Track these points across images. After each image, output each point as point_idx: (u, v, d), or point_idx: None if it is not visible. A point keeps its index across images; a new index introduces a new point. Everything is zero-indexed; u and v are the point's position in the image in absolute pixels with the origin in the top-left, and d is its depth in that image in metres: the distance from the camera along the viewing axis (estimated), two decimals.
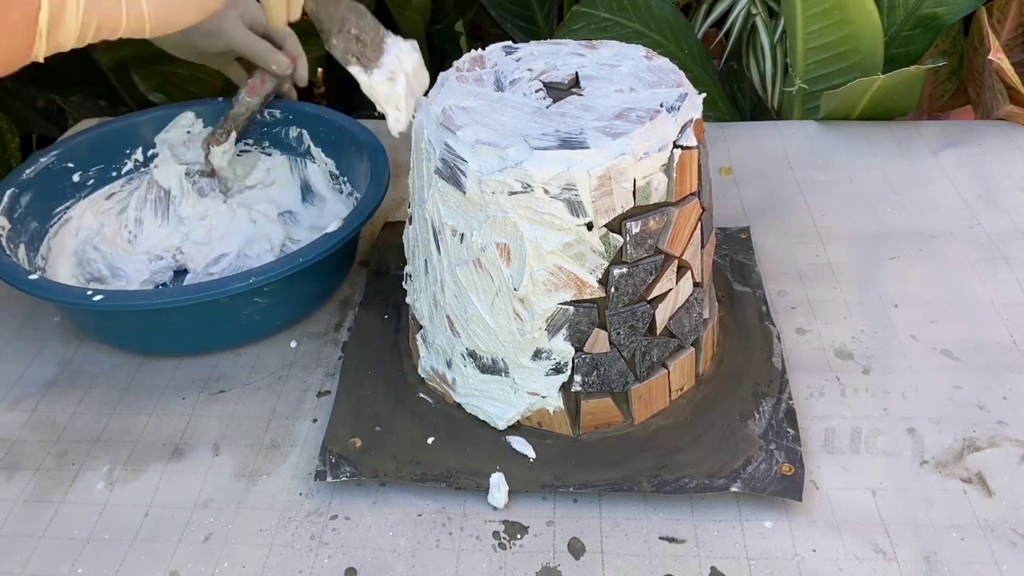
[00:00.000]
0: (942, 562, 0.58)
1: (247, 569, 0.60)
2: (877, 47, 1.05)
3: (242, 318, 0.75)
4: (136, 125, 0.91)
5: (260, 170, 0.94)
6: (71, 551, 0.62)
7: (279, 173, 0.95)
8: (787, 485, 0.61)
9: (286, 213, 0.92)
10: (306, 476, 0.66)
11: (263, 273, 0.70)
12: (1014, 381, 0.71)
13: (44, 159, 0.86)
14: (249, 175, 0.94)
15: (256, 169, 0.94)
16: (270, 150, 0.95)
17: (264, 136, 0.94)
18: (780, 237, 0.87)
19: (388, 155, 0.82)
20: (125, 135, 0.91)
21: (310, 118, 0.92)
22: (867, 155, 0.99)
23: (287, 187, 0.94)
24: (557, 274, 0.59)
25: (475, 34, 1.60)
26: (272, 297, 0.74)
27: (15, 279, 0.72)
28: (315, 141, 0.92)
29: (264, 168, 0.94)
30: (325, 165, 0.92)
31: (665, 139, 0.59)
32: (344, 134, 0.89)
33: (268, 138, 0.94)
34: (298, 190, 0.94)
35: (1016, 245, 0.85)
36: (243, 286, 0.69)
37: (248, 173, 0.94)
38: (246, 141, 0.94)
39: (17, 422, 0.72)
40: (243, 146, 0.94)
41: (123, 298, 0.72)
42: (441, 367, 0.69)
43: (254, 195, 0.94)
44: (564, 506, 0.63)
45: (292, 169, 0.94)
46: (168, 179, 0.91)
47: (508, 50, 0.70)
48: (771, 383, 0.69)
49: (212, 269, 0.86)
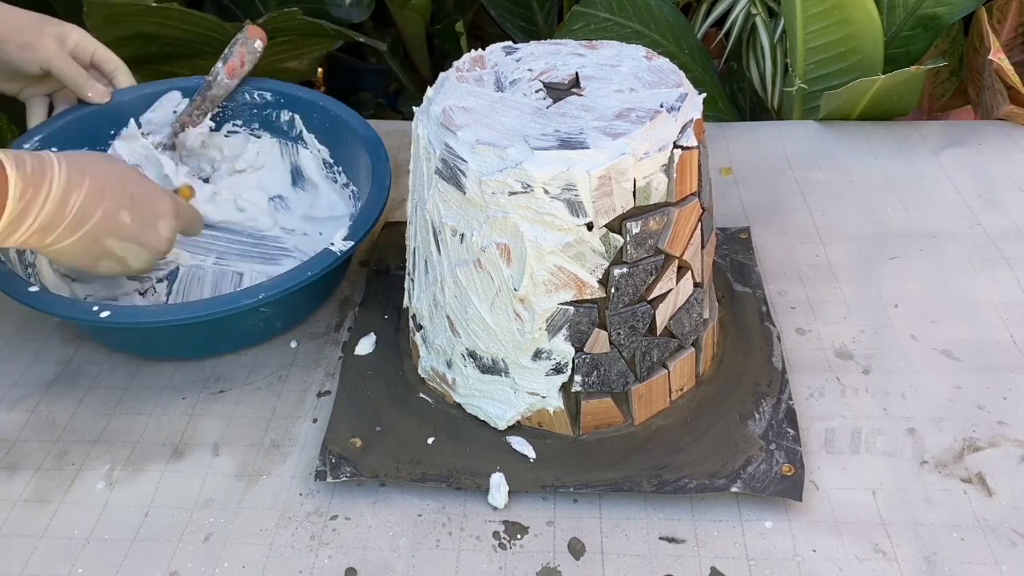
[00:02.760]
0: (942, 562, 0.58)
1: (247, 569, 0.60)
2: (877, 47, 1.05)
3: (246, 327, 0.75)
4: (120, 105, 0.88)
5: (249, 153, 0.92)
6: (71, 551, 0.62)
7: (269, 156, 0.92)
8: (787, 485, 0.61)
9: (276, 198, 0.91)
10: (306, 476, 0.66)
11: (273, 288, 0.69)
12: (1014, 381, 0.71)
13: (27, 145, 0.83)
14: (239, 158, 0.92)
15: (245, 152, 0.92)
16: (259, 132, 0.92)
17: (253, 118, 0.92)
18: (780, 237, 0.87)
19: (388, 154, 0.82)
20: (108, 115, 0.88)
21: (303, 103, 0.90)
22: (867, 155, 0.99)
23: (276, 171, 0.92)
24: (557, 274, 0.59)
25: (475, 34, 1.60)
26: (278, 307, 0.74)
27: (15, 291, 0.70)
28: (308, 127, 0.90)
29: (253, 151, 0.92)
30: (319, 152, 0.90)
31: (665, 139, 0.59)
32: (341, 124, 0.87)
33: (258, 120, 0.92)
34: (288, 174, 0.92)
35: (1016, 245, 0.85)
36: (252, 302, 0.68)
37: (236, 156, 0.92)
38: (234, 123, 0.92)
39: (17, 422, 0.72)
40: (230, 127, 0.92)
41: (130, 315, 0.70)
42: (441, 367, 0.69)
43: (243, 180, 0.91)
44: (564, 506, 0.63)
45: (283, 153, 0.92)
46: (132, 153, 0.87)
47: (508, 50, 0.70)
48: (771, 383, 0.69)
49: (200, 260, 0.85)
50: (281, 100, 0.91)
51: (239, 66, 0.88)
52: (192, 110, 0.89)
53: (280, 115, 0.91)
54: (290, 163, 0.93)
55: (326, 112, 0.88)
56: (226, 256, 0.86)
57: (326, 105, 0.89)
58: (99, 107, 0.87)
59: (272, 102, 0.91)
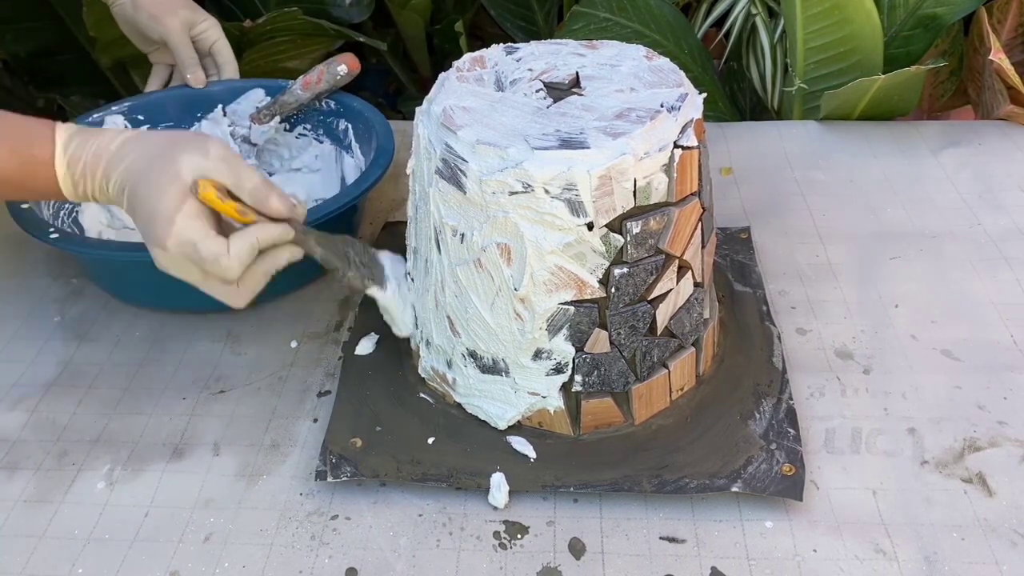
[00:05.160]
0: (942, 562, 0.58)
1: (247, 569, 0.60)
2: (877, 47, 1.05)
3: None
4: (212, 93, 0.96)
5: (308, 155, 0.97)
6: (71, 551, 0.62)
7: (326, 161, 0.96)
8: (787, 485, 0.61)
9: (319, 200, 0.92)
10: (306, 476, 0.66)
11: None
12: (1014, 381, 0.71)
13: (115, 108, 0.93)
14: (297, 158, 0.96)
15: (305, 153, 0.97)
16: (322, 138, 0.97)
17: (319, 124, 0.97)
18: (780, 237, 0.87)
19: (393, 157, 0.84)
20: (201, 99, 0.96)
21: (354, 113, 0.94)
22: (867, 155, 0.99)
23: (329, 177, 0.96)
24: (558, 274, 0.59)
25: (475, 34, 1.60)
26: None
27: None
28: (356, 136, 0.93)
29: (312, 154, 0.97)
30: (358, 161, 0.93)
31: (665, 139, 0.59)
32: (373, 133, 0.89)
33: (322, 127, 0.97)
34: (338, 181, 0.95)
35: (1016, 245, 0.85)
36: None
37: (296, 156, 0.96)
38: (304, 126, 0.97)
39: (17, 422, 0.72)
40: (301, 130, 0.97)
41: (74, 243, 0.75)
42: (442, 367, 0.69)
43: (292, 178, 0.96)
44: (564, 506, 0.63)
45: (336, 160, 0.96)
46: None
47: (508, 50, 0.70)
48: (771, 383, 0.69)
49: None
50: (341, 109, 0.95)
51: (315, 82, 0.92)
52: (263, 110, 0.94)
53: (339, 123, 0.95)
54: (340, 170, 0.96)
55: (367, 122, 0.92)
56: None
57: (367, 114, 0.92)
58: (195, 90, 0.96)
59: (334, 110, 0.95)
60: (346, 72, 0.92)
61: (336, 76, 0.92)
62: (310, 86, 0.92)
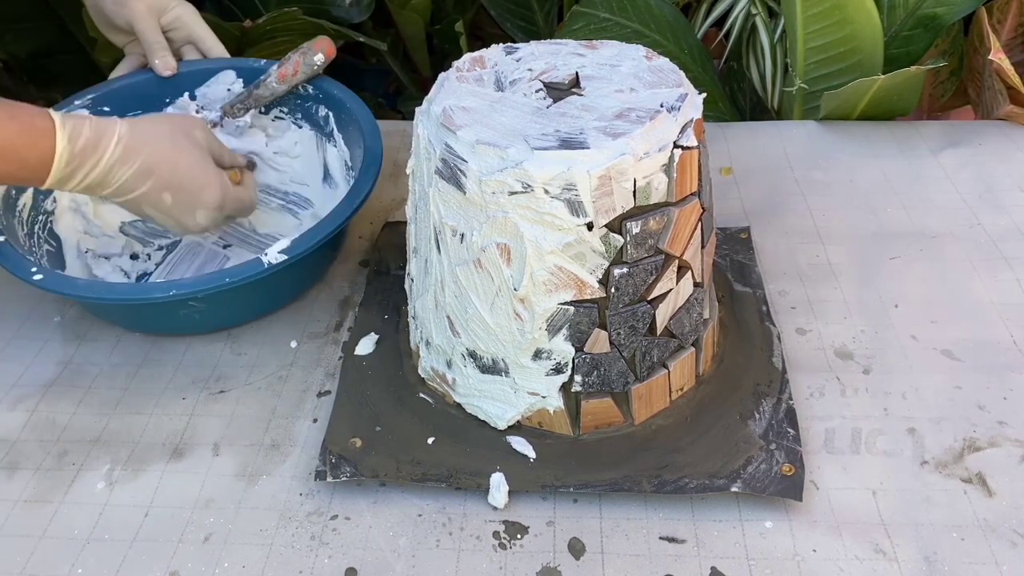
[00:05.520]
0: (942, 562, 0.58)
1: (247, 569, 0.60)
2: (877, 47, 1.05)
3: (174, 316, 0.76)
4: (178, 77, 0.91)
5: (287, 141, 0.93)
6: (71, 551, 0.62)
7: (306, 147, 0.93)
8: (787, 485, 0.61)
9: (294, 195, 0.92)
10: (306, 476, 0.66)
11: (185, 287, 0.70)
12: (1014, 381, 0.71)
13: (78, 102, 0.87)
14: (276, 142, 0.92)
15: (283, 139, 0.93)
16: (301, 122, 0.93)
17: (298, 108, 0.93)
18: (780, 237, 0.87)
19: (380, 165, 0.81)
20: (166, 85, 0.91)
21: (336, 101, 0.89)
22: (867, 155, 0.99)
23: (310, 164, 0.92)
24: (557, 274, 0.59)
25: (475, 34, 1.60)
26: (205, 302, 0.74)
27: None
28: (338, 125, 0.90)
29: (292, 140, 0.93)
30: (341, 153, 0.90)
31: (665, 139, 0.59)
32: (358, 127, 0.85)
33: (301, 111, 0.93)
34: (321, 169, 0.92)
35: (1016, 245, 0.85)
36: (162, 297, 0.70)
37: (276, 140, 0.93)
38: (280, 109, 0.93)
39: (17, 422, 0.72)
40: (278, 113, 0.93)
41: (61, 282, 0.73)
42: (441, 367, 0.69)
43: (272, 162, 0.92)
44: (564, 506, 0.63)
45: (318, 147, 0.92)
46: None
47: (508, 50, 0.70)
48: (771, 383, 0.69)
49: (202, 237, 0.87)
50: (320, 95, 0.90)
51: (291, 74, 0.88)
52: (236, 103, 0.90)
53: (318, 109, 0.91)
54: (322, 159, 0.92)
55: (350, 113, 0.87)
56: (229, 237, 0.87)
57: (351, 105, 0.88)
58: (155, 77, 0.90)
59: (312, 96, 0.91)
60: (323, 62, 0.88)
61: (313, 67, 0.88)
62: (286, 78, 0.88)
